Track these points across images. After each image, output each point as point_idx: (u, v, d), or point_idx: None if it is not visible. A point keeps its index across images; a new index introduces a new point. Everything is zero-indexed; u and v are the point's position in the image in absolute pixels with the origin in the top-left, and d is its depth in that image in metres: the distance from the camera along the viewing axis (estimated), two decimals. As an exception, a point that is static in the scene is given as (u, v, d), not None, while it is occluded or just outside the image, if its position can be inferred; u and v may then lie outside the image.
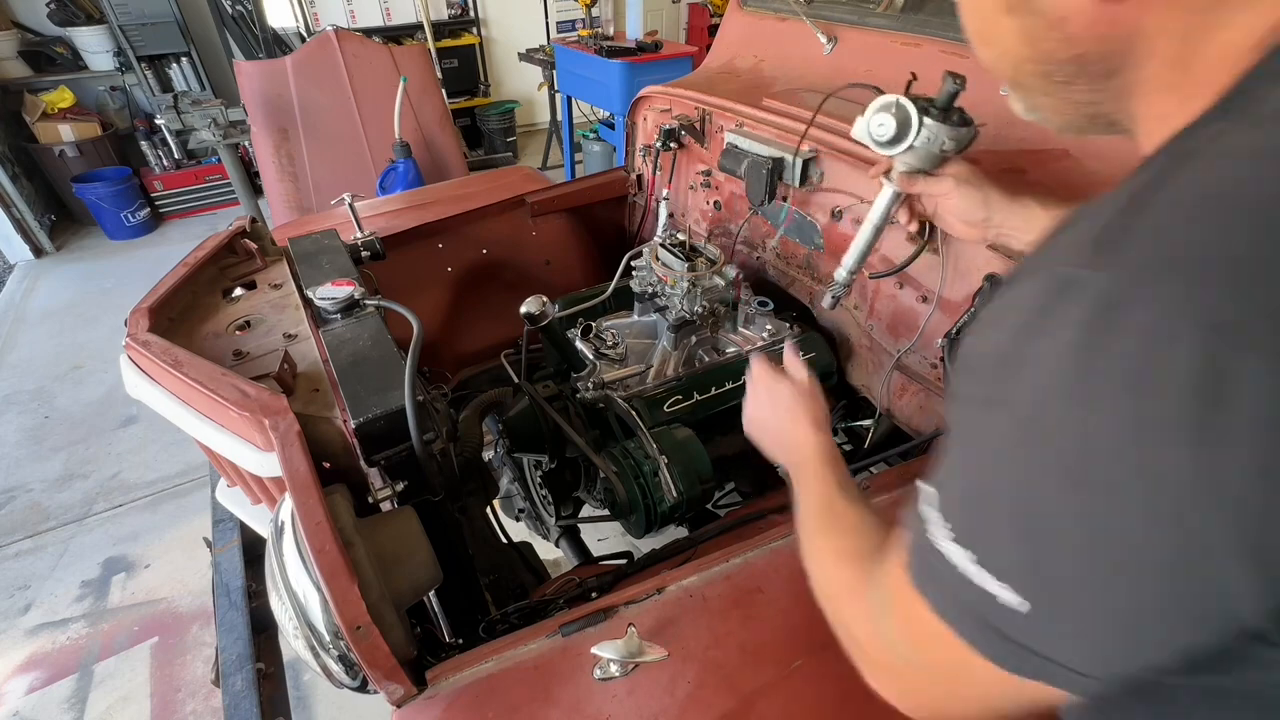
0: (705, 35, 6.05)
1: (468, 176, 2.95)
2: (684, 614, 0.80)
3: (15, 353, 3.45)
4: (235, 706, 1.12)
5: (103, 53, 4.51)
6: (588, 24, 5.94)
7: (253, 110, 3.29)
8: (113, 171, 4.49)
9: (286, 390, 0.95)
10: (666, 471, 1.15)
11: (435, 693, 0.73)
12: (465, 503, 1.24)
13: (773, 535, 0.91)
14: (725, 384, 1.41)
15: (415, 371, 0.92)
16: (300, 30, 4.87)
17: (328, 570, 0.71)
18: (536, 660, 0.76)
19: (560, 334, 1.38)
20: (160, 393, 0.99)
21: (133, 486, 2.61)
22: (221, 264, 1.28)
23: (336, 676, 0.76)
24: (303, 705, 1.85)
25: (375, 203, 2.05)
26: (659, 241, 1.54)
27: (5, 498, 2.58)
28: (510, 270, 1.90)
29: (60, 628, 2.11)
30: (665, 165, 1.88)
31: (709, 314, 1.52)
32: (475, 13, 5.65)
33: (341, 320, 1.08)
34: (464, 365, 1.84)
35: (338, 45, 3.37)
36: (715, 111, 1.64)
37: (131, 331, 1.02)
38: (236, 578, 1.32)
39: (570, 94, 4.49)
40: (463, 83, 5.62)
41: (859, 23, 1.55)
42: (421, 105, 3.53)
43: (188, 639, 2.06)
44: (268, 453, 0.86)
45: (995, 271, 1.09)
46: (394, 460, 0.93)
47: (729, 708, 0.72)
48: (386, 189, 3.28)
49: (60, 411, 3.01)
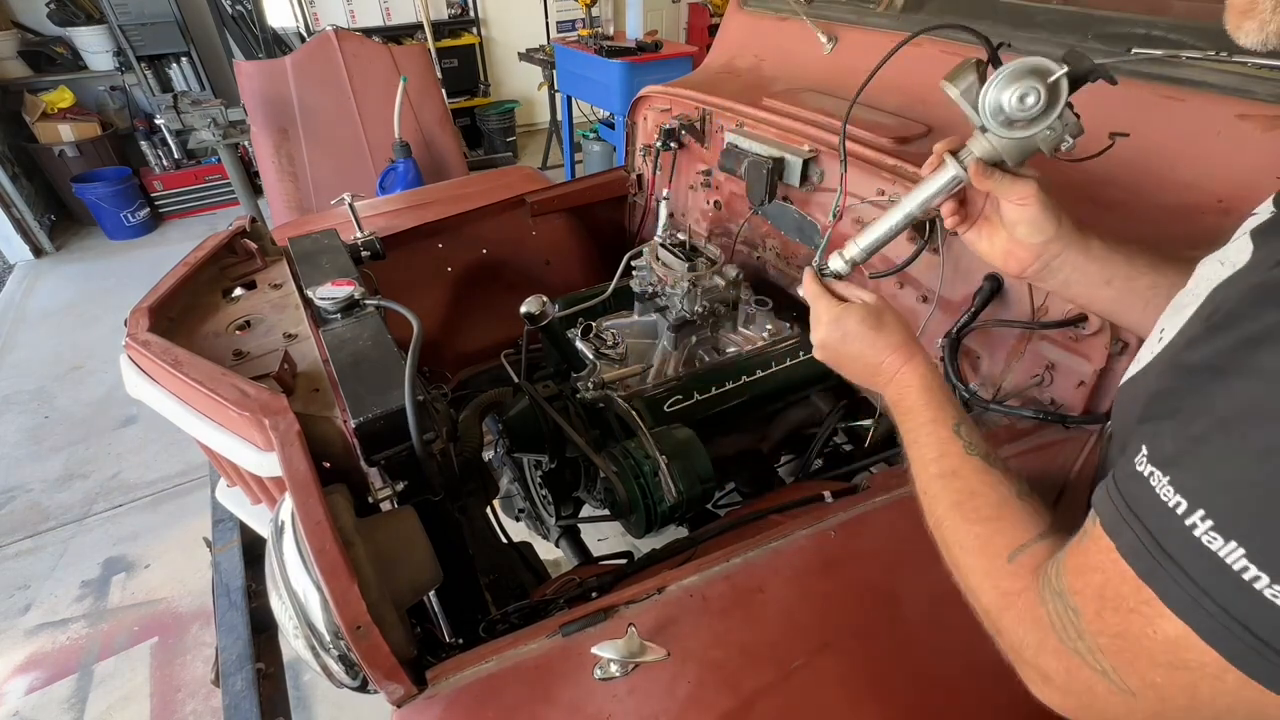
0: (705, 35, 6.06)
1: (468, 176, 2.95)
2: (684, 614, 0.80)
3: (15, 353, 3.45)
4: (235, 706, 1.12)
5: (103, 53, 4.51)
6: (588, 24, 5.94)
7: (252, 110, 3.29)
8: (113, 171, 4.49)
9: (286, 390, 0.95)
10: (666, 471, 1.15)
11: (435, 692, 0.73)
12: (465, 503, 1.23)
13: (773, 535, 0.90)
14: (725, 384, 1.41)
15: (415, 371, 0.92)
16: (300, 30, 4.87)
17: (328, 570, 0.71)
18: (537, 660, 0.76)
19: (560, 334, 1.38)
20: (160, 393, 0.99)
21: (133, 486, 2.61)
22: (221, 264, 1.28)
23: (336, 676, 0.76)
24: (303, 705, 1.84)
25: (375, 203, 2.05)
26: (659, 241, 1.54)
27: (5, 498, 2.57)
28: (510, 270, 1.90)
29: (60, 628, 2.11)
30: (665, 165, 1.87)
31: (709, 314, 1.52)
32: (475, 13, 5.65)
33: (341, 320, 1.08)
34: (464, 365, 1.84)
35: (338, 45, 3.37)
36: (715, 111, 1.64)
37: (131, 331, 1.02)
38: (236, 578, 1.32)
39: (570, 94, 4.49)
40: (463, 83, 5.62)
41: (859, 22, 1.55)
42: (421, 105, 3.52)
43: (188, 639, 2.06)
44: (268, 452, 0.86)
45: (995, 271, 1.09)
46: (394, 460, 0.93)
47: (729, 708, 0.72)
48: (386, 189, 3.28)
49: (60, 411, 3.01)
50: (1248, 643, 0.33)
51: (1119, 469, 0.42)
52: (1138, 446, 0.40)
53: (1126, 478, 0.41)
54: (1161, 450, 0.39)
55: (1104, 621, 0.40)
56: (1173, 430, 0.39)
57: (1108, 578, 0.40)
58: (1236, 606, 0.33)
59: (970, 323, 1.12)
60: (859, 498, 0.98)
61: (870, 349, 0.74)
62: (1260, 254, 0.43)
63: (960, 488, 0.59)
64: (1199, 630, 0.35)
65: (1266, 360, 0.34)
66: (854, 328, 0.75)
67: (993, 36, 0.71)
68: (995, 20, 1.32)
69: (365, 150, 3.46)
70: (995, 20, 1.32)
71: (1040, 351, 1.09)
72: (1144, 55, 1.03)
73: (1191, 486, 0.35)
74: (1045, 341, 1.07)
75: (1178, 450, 0.38)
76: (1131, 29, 1.11)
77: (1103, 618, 0.40)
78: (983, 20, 1.33)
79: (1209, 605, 0.34)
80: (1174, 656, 0.37)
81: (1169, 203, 1.00)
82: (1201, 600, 0.35)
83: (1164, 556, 0.36)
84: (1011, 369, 1.14)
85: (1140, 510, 0.39)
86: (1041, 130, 0.66)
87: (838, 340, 0.77)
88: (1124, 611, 0.39)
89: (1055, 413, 1.04)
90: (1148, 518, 0.38)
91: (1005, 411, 1.08)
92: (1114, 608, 0.40)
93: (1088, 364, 1.01)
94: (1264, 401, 0.34)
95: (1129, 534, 0.39)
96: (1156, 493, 0.37)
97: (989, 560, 0.52)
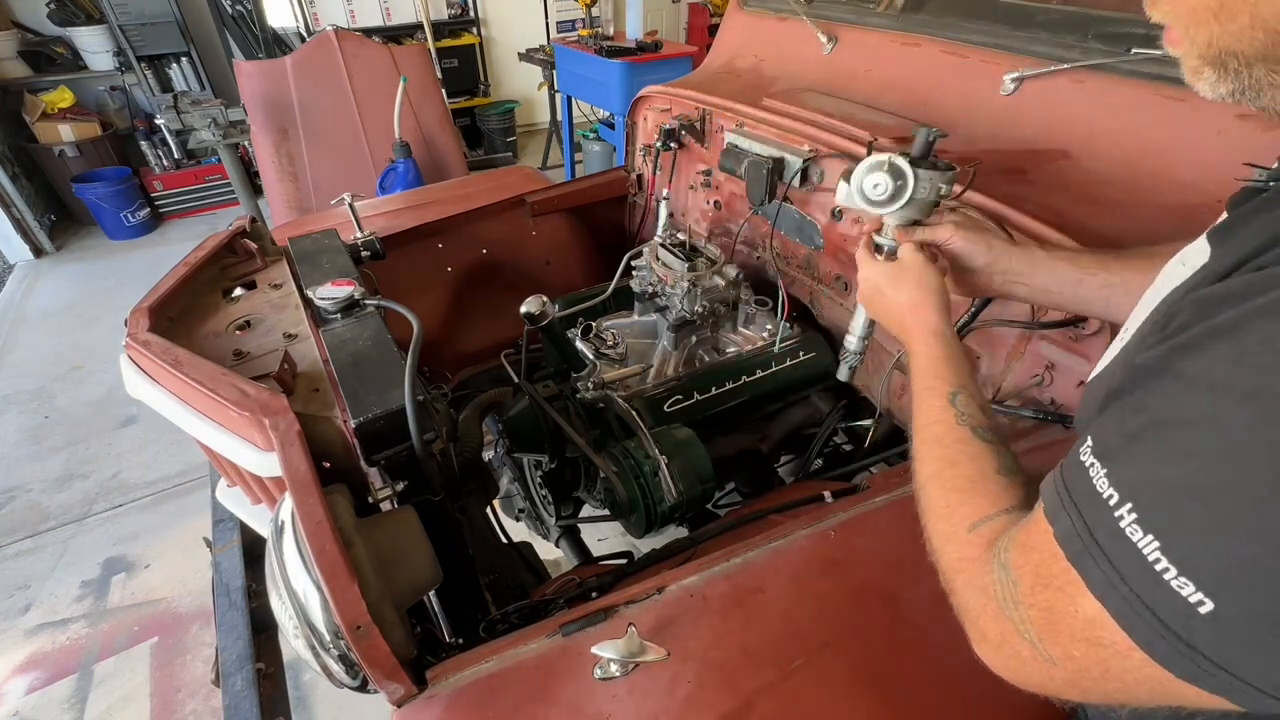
0: (705, 35, 6.06)
1: (468, 176, 2.95)
2: (684, 614, 0.80)
3: (15, 353, 3.44)
4: (235, 706, 1.12)
5: (103, 53, 4.51)
6: (588, 24, 5.94)
7: (252, 110, 3.29)
8: (113, 171, 4.49)
9: (286, 390, 0.95)
10: (666, 471, 1.15)
11: (435, 692, 0.73)
12: (465, 503, 1.23)
13: (773, 535, 0.90)
14: (725, 384, 1.41)
15: (415, 371, 0.92)
16: (300, 30, 4.86)
17: (328, 570, 0.71)
18: (537, 660, 0.76)
19: (560, 334, 1.38)
20: (160, 393, 0.99)
21: (133, 486, 2.61)
22: (221, 264, 1.28)
23: (337, 676, 0.76)
24: (303, 705, 1.84)
25: (375, 203, 2.05)
26: (659, 241, 1.54)
27: (5, 498, 2.57)
28: (510, 270, 1.90)
29: (60, 628, 2.11)
30: (665, 165, 1.88)
31: (709, 314, 1.52)
32: (475, 13, 5.65)
33: (341, 320, 1.08)
34: (464, 365, 1.84)
35: (337, 45, 3.37)
36: (715, 111, 1.64)
37: (131, 331, 1.02)
38: (236, 578, 1.32)
39: (570, 94, 4.48)
40: (463, 83, 5.62)
41: (859, 22, 1.55)
42: (421, 105, 3.52)
43: (188, 639, 2.06)
44: (268, 452, 0.86)
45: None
46: (394, 460, 0.93)
47: (729, 708, 0.72)
48: (386, 189, 3.28)
49: (60, 411, 3.01)
50: (1154, 628, 0.36)
51: (1067, 458, 0.45)
52: (1085, 439, 0.43)
53: (1071, 467, 0.44)
54: (1103, 444, 0.42)
55: (1036, 596, 0.44)
56: (1115, 426, 0.41)
57: (1043, 558, 0.44)
58: (1147, 594, 0.36)
59: (970, 323, 1.12)
60: (859, 498, 0.98)
61: (889, 306, 0.81)
62: (1214, 254, 0.46)
63: (942, 456, 0.62)
64: (1112, 612, 0.38)
65: (1190, 367, 0.37)
66: (877, 283, 0.83)
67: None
68: (995, 20, 1.32)
69: (365, 150, 3.46)
70: (995, 20, 1.32)
71: (1040, 351, 1.09)
72: (1144, 55, 1.03)
73: (1124, 480, 0.39)
74: (1045, 341, 1.07)
75: (1116, 445, 0.41)
76: (1131, 29, 1.11)
77: (1035, 593, 0.44)
78: (982, 20, 1.33)
79: (1124, 590, 0.37)
80: (1090, 634, 0.40)
81: (1169, 203, 1.00)
82: (1118, 585, 0.38)
83: (1092, 543, 0.40)
84: (1011, 369, 1.14)
85: (1078, 498, 0.42)
86: (911, 197, 0.79)
87: (870, 294, 0.85)
88: (1053, 589, 0.42)
89: (1055, 413, 1.04)
90: (1084, 506, 0.41)
91: (1005, 411, 1.08)
92: (1045, 584, 0.43)
93: (1087, 364, 1.01)
94: (1184, 406, 0.37)
95: (1065, 520, 0.42)
96: (1094, 484, 0.40)
97: (953, 527, 0.56)
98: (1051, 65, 1.16)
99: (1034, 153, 1.16)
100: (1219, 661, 0.35)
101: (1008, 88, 1.21)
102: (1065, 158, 1.13)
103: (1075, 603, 0.40)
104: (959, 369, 0.70)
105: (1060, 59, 1.16)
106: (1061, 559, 0.41)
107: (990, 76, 1.24)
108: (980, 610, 0.49)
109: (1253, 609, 0.33)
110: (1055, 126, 1.16)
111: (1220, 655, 0.34)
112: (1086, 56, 1.12)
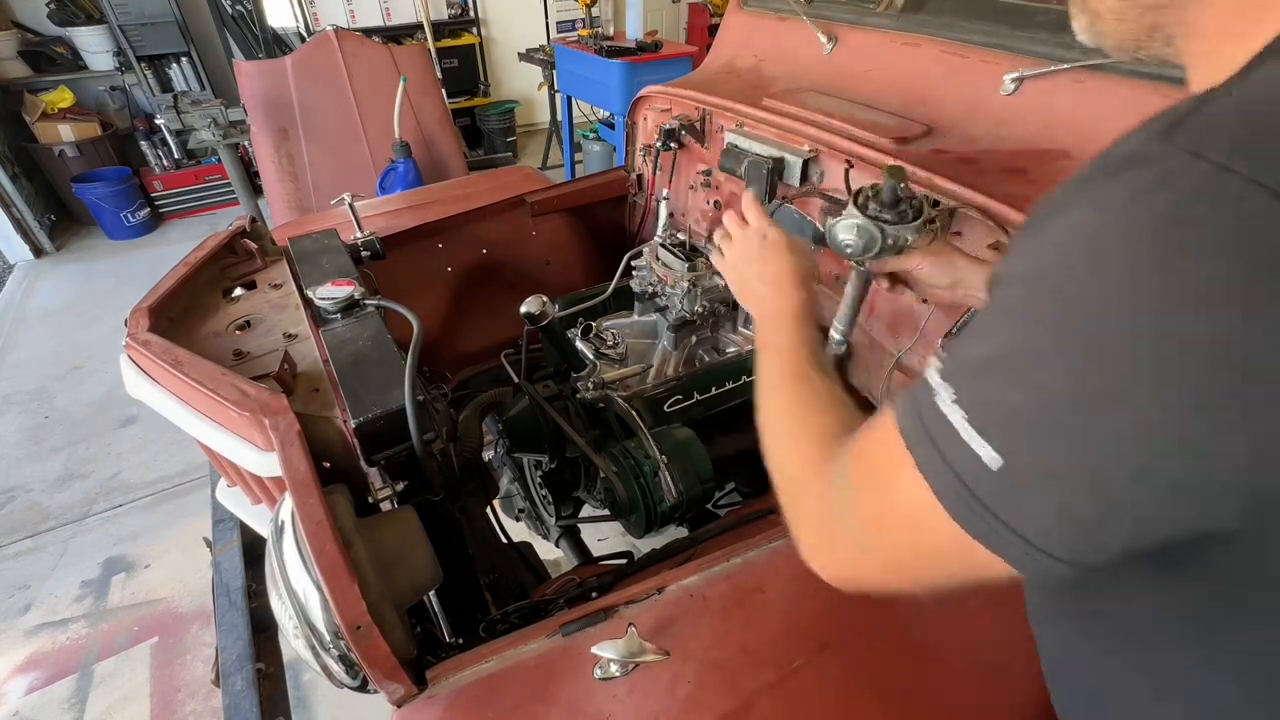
0: (705, 35, 6.05)
1: (468, 176, 2.95)
2: (684, 614, 0.80)
3: (15, 353, 3.44)
4: (235, 706, 1.12)
5: (103, 53, 4.50)
6: (588, 24, 5.94)
7: (252, 110, 3.29)
8: (113, 171, 4.49)
9: (286, 390, 0.95)
10: (666, 471, 1.15)
11: (435, 692, 0.73)
12: (465, 503, 1.23)
13: (773, 535, 0.90)
14: (725, 384, 1.41)
15: (415, 371, 0.92)
16: (300, 30, 4.86)
17: (328, 570, 0.71)
18: (537, 660, 0.76)
19: (560, 334, 1.38)
20: (160, 393, 0.99)
21: (133, 486, 2.61)
22: (221, 264, 1.28)
23: (337, 676, 0.76)
24: (303, 705, 1.84)
25: (375, 203, 2.05)
26: (659, 241, 1.54)
27: (5, 498, 2.57)
28: (510, 270, 1.91)
29: (60, 628, 2.11)
30: (665, 165, 1.87)
31: (709, 314, 1.51)
32: (475, 13, 5.65)
33: (341, 320, 1.08)
34: (464, 365, 1.84)
35: (337, 45, 3.37)
36: (715, 111, 1.64)
37: (131, 331, 1.02)
38: (236, 578, 1.32)
39: (570, 94, 4.48)
40: (463, 83, 5.62)
41: (859, 22, 1.55)
42: (421, 105, 3.53)
43: (188, 639, 2.06)
44: (268, 452, 0.86)
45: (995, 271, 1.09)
46: (394, 460, 0.93)
47: (729, 708, 0.72)
48: (386, 189, 3.28)
49: (60, 411, 3.01)
50: (958, 492, 0.38)
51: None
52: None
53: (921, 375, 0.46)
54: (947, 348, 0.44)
55: (864, 484, 0.47)
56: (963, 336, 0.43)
57: (877, 446, 0.46)
58: (956, 460, 0.38)
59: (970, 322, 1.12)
60: (859, 498, 0.98)
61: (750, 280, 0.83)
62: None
63: (806, 388, 0.65)
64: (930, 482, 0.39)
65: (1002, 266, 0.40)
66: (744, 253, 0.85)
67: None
68: (995, 20, 1.32)
69: (365, 150, 3.46)
70: (995, 20, 1.32)
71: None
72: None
73: (948, 370, 0.40)
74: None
75: (953, 346, 0.43)
76: (1131, 29, 1.11)
77: (865, 483, 0.47)
78: (982, 20, 1.33)
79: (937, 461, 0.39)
80: (909, 511, 0.41)
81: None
82: (934, 458, 0.39)
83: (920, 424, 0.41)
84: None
85: (917, 391, 0.43)
86: (880, 250, 0.90)
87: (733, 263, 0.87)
88: (882, 475, 0.44)
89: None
90: (920, 397, 0.42)
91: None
92: (874, 472, 0.46)
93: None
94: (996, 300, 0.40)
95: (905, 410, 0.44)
96: (927, 378, 0.42)
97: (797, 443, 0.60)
98: (1051, 65, 1.16)
99: (1034, 153, 1.15)
100: (996, 512, 0.36)
101: (1008, 87, 1.21)
102: (1065, 158, 1.13)
103: (899, 481, 0.42)
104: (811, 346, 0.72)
105: (1060, 59, 1.16)
106: (896, 446, 0.42)
107: (990, 76, 1.24)
108: (815, 513, 0.53)
109: (1029, 461, 0.35)
110: (1055, 126, 1.16)
111: (998, 505, 0.36)
112: (1086, 56, 1.12)
